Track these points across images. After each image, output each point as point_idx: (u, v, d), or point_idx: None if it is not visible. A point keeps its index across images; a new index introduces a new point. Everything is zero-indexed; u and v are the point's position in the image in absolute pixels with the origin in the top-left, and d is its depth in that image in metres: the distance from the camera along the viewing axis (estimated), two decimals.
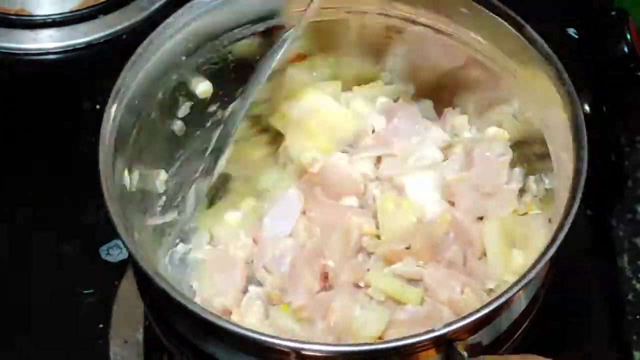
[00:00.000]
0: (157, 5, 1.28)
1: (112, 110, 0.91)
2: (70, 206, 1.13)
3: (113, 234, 1.00)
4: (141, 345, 1.06)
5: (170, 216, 0.99)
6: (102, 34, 1.26)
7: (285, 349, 0.81)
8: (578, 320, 1.08)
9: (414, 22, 1.00)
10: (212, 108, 1.02)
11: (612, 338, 1.07)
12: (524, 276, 0.83)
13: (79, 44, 1.26)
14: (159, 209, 0.99)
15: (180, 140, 1.01)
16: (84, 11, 1.27)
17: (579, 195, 0.86)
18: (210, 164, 1.00)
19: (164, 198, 0.99)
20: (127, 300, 1.07)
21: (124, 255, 1.10)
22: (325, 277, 0.94)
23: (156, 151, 0.99)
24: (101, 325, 1.07)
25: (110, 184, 0.87)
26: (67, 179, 1.15)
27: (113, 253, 1.10)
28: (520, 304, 0.89)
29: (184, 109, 1.00)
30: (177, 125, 1.00)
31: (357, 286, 0.95)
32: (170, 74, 0.97)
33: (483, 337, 0.84)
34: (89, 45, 1.26)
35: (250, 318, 0.94)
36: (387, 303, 0.93)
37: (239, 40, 1.00)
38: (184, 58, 0.97)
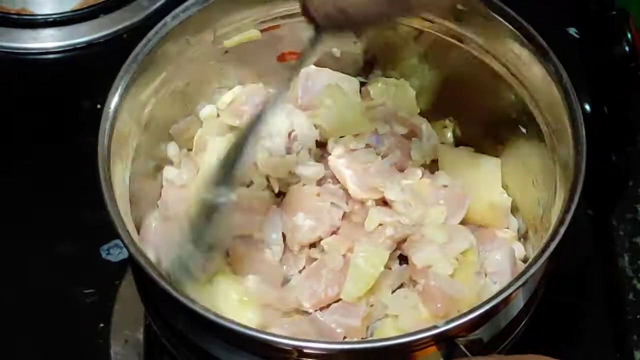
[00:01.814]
0: (157, 5, 1.28)
1: (111, 110, 0.91)
2: (71, 206, 1.13)
3: (113, 234, 1.00)
4: (141, 345, 1.06)
5: None
6: (102, 33, 1.27)
7: (285, 347, 0.81)
8: (578, 320, 1.08)
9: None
10: None
11: (612, 338, 1.07)
12: (524, 272, 0.83)
13: (80, 43, 1.26)
14: None
15: None
16: (84, 11, 1.27)
17: (579, 191, 0.86)
18: None
19: None
20: (127, 300, 1.07)
21: (124, 255, 1.10)
22: None
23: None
24: (101, 325, 1.07)
25: (109, 183, 0.87)
26: (67, 179, 1.15)
27: (113, 253, 1.10)
28: (519, 300, 0.89)
29: None
30: None
31: None
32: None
33: (483, 333, 0.84)
34: (89, 45, 1.26)
35: None
36: None
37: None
38: (179, 57, 0.98)
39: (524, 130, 0.97)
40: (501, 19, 0.94)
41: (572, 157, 0.88)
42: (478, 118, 1.02)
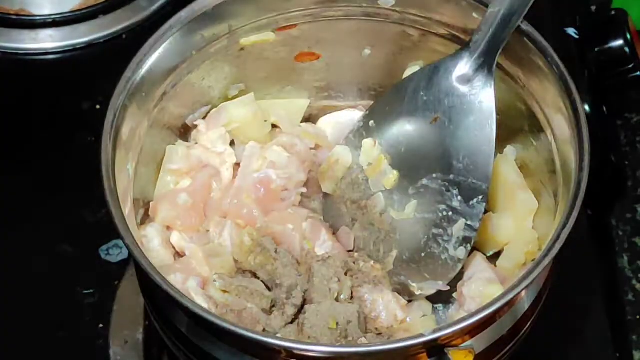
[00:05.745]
0: (157, 5, 1.28)
1: (117, 107, 0.91)
2: (70, 206, 1.13)
3: (113, 234, 1.01)
4: (141, 345, 1.06)
5: None
6: (102, 34, 1.27)
7: (281, 349, 0.81)
8: (578, 320, 1.08)
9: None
10: None
11: (611, 338, 1.07)
12: (519, 282, 0.83)
13: (79, 44, 1.26)
14: None
15: None
16: (84, 11, 1.27)
17: (582, 194, 0.86)
18: None
19: None
20: (127, 300, 1.07)
21: (124, 255, 1.10)
22: None
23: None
24: (101, 325, 1.07)
25: (111, 183, 0.87)
26: (66, 179, 1.15)
27: (113, 253, 1.10)
28: (517, 308, 0.89)
29: None
30: None
31: None
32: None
33: (480, 341, 0.84)
34: (89, 45, 1.26)
35: None
36: None
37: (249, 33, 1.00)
38: (194, 52, 0.98)
39: (527, 129, 0.98)
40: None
41: (575, 158, 0.88)
42: None
